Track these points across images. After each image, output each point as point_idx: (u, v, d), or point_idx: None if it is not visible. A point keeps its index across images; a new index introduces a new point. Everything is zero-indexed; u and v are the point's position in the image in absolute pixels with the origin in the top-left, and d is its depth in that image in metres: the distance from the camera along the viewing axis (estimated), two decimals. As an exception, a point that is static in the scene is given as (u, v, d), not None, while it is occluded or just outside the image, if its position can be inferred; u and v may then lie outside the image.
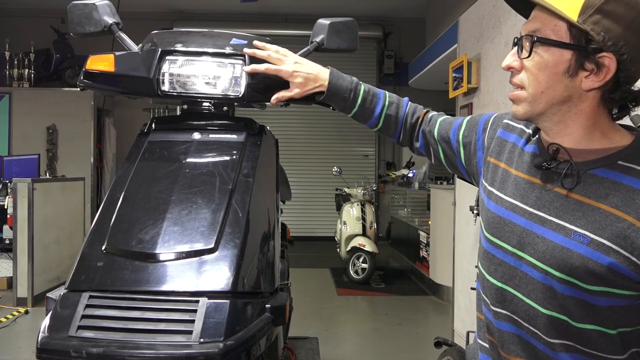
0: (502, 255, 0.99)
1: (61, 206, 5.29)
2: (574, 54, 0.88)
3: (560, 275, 0.90)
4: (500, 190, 1.03)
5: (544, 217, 0.94)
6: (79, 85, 1.51)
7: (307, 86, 1.30)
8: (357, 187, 6.44)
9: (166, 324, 1.08)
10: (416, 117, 1.29)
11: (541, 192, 0.96)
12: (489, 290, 1.02)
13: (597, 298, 0.89)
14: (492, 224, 1.03)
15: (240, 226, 1.25)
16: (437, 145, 1.25)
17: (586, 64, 0.88)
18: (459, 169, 1.23)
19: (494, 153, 1.10)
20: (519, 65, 0.95)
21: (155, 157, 1.42)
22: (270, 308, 1.21)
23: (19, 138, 6.97)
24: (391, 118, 1.29)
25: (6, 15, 7.91)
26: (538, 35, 0.91)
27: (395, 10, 8.36)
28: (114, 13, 1.60)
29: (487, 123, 1.16)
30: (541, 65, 0.91)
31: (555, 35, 0.90)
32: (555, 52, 0.90)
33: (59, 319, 1.11)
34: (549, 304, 0.92)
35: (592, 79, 0.88)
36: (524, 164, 1.02)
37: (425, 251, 5.77)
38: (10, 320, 4.31)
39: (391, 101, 1.30)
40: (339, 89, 1.28)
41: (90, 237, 1.25)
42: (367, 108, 1.28)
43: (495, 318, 1.01)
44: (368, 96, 1.28)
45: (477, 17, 3.66)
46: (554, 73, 0.90)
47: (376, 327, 4.52)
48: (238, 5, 6.79)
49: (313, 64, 1.33)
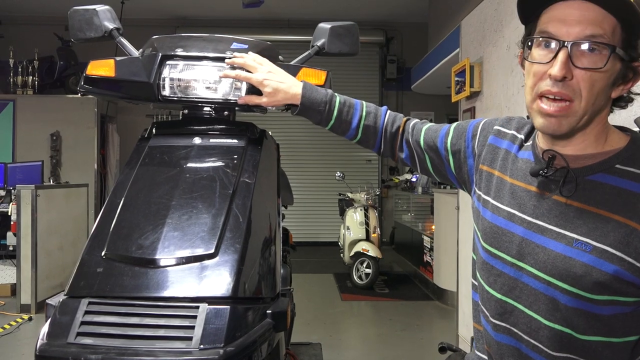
0: (502, 266, 0.96)
1: (64, 213, 5.30)
2: (623, 64, 0.84)
3: (563, 285, 0.87)
4: (497, 199, 1.00)
5: (544, 226, 0.91)
6: (80, 91, 1.51)
7: (277, 96, 1.28)
8: (360, 192, 6.42)
9: (166, 330, 1.07)
10: (396, 126, 1.25)
11: (539, 200, 0.93)
12: (489, 302, 0.99)
13: (601, 307, 0.86)
14: (489, 234, 1.00)
15: (240, 231, 1.24)
16: (424, 154, 1.20)
17: (628, 74, 0.85)
18: (449, 177, 1.19)
19: (486, 161, 1.06)
20: (571, 74, 0.85)
21: (155, 162, 1.41)
22: (272, 314, 1.20)
23: (23, 145, 7.00)
24: (369, 129, 1.25)
25: (10, 22, 7.96)
26: (603, 41, 0.83)
27: (398, 15, 8.37)
28: (114, 18, 1.60)
29: (475, 129, 1.12)
30: (598, 76, 0.84)
31: (615, 43, 0.84)
32: (610, 62, 0.84)
33: (58, 325, 1.10)
34: (551, 316, 0.89)
35: (621, 87, 0.86)
36: (519, 172, 0.98)
37: (429, 256, 5.74)
38: (13, 327, 4.30)
39: (368, 111, 1.26)
40: (313, 102, 1.25)
41: (90, 242, 1.24)
42: (343, 120, 1.25)
43: (494, 330, 0.99)
44: (344, 108, 1.25)
45: (479, 21, 3.66)
46: (605, 84, 0.85)
47: (380, 332, 4.49)
48: (241, 11, 6.80)
49: (288, 76, 1.30)
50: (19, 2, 7.58)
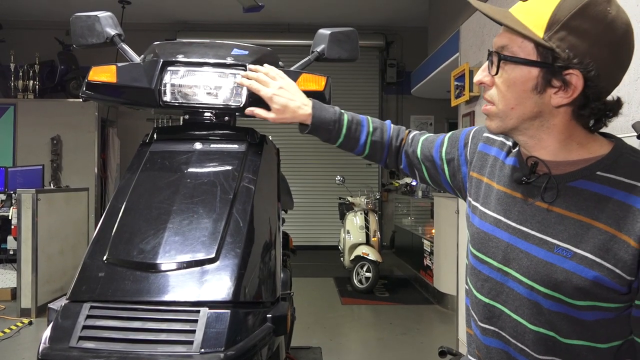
0: (488, 271, 0.98)
1: (65, 217, 5.30)
2: (541, 71, 0.87)
3: (545, 290, 0.89)
4: (484, 205, 1.02)
5: (527, 232, 0.92)
6: (82, 97, 1.52)
7: (284, 114, 1.29)
8: (360, 196, 6.43)
9: (167, 334, 1.08)
10: (400, 139, 1.28)
11: (523, 207, 0.95)
12: (477, 306, 1.01)
13: (583, 313, 0.87)
14: (477, 239, 1.01)
15: (241, 236, 1.25)
16: (421, 164, 1.23)
17: (553, 81, 0.86)
18: (444, 185, 1.21)
19: (476, 168, 1.08)
20: (490, 81, 0.93)
21: (156, 167, 1.42)
22: (272, 318, 1.21)
23: (24, 149, 7.02)
24: (377, 144, 1.27)
25: (11, 27, 7.99)
26: (505, 52, 0.89)
27: (398, 19, 8.40)
28: (116, 24, 1.61)
29: (467, 138, 1.14)
30: (509, 82, 0.89)
31: (523, 52, 0.87)
32: (523, 69, 0.88)
33: (60, 329, 1.10)
34: (536, 320, 0.91)
35: (560, 95, 0.87)
36: (506, 178, 1.00)
37: (430, 260, 5.74)
38: (14, 331, 4.31)
39: (375, 127, 1.28)
40: (323, 122, 1.26)
41: (91, 247, 1.25)
42: (352, 137, 1.27)
43: (482, 334, 1.00)
44: (352, 125, 1.27)
45: (478, 26, 3.67)
46: (522, 90, 0.89)
47: (380, 336, 4.49)
48: (241, 16, 6.83)
49: (299, 94, 1.30)
50: (20, 6, 7.61)
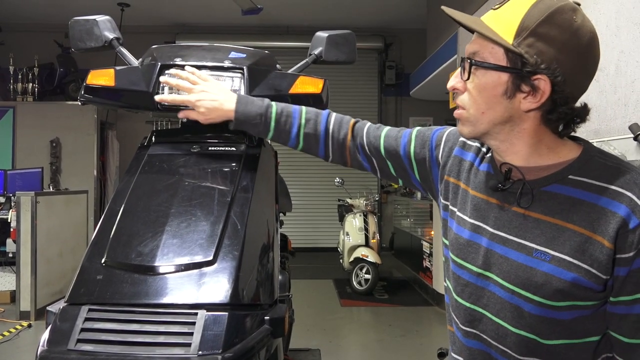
0: (468, 277, 0.99)
1: (64, 219, 5.30)
2: (511, 76, 0.89)
3: (526, 294, 0.90)
4: (461, 211, 1.03)
5: (505, 237, 0.94)
6: (80, 100, 1.53)
7: (211, 115, 1.28)
8: (359, 198, 6.43)
9: (165, 337, 1.08)
10: (344, 132, 1.23)
11: (500, 212, 0.96)
12: (458, 310, 1.02)
13: (562, 313, 0.89)
14: (455, 245, 1.03)
15: (238, 238, 1.25)
16: (385, 161, 1.19)
17: (522, 86, 0.88)
18: (413, 183, 1.19)
19: (452, 172, 1.08)
20: (462, 86, 0.95)
21: (155, 170, 1.43)
22: (269, 320, 1.21)
23: (23, 152, 7.02)
24: (310, 136, 1.24)
25: (10, 30, 7.99)
26: (476, 58, 0.91)
27: (396, 21, 8.41)
28: (114, 28, 1.62)
29: (439, 139, 1.13)
30: (480, 87, 0.91)
31: (493, 58, 0.89)
32: (493, 75, 0.90)
33: (58, 332, 1.11)
34: (517, 323, 0.93)
35: (529, 100, 0.89)
36: (480, 184, 1.01)
37: (429, 261, 5.75)
38: (13, 334, 4.30)
39: (308, 118, 1.24)
40: (247, 117, 1.25)
41: (90, 250, 1.26)
42: (282, 130, 1.24)
43: (464, 337, 1.02)
44: (281, 118, 1.24)
45: (477, 27, 3.68)
46: (492, 95, 0.91)
47: (380, 338, 4.49)
48: (240, 18, 6.84)
49: (222, 91, 1.30)
50: (19, 9, 7.62)
